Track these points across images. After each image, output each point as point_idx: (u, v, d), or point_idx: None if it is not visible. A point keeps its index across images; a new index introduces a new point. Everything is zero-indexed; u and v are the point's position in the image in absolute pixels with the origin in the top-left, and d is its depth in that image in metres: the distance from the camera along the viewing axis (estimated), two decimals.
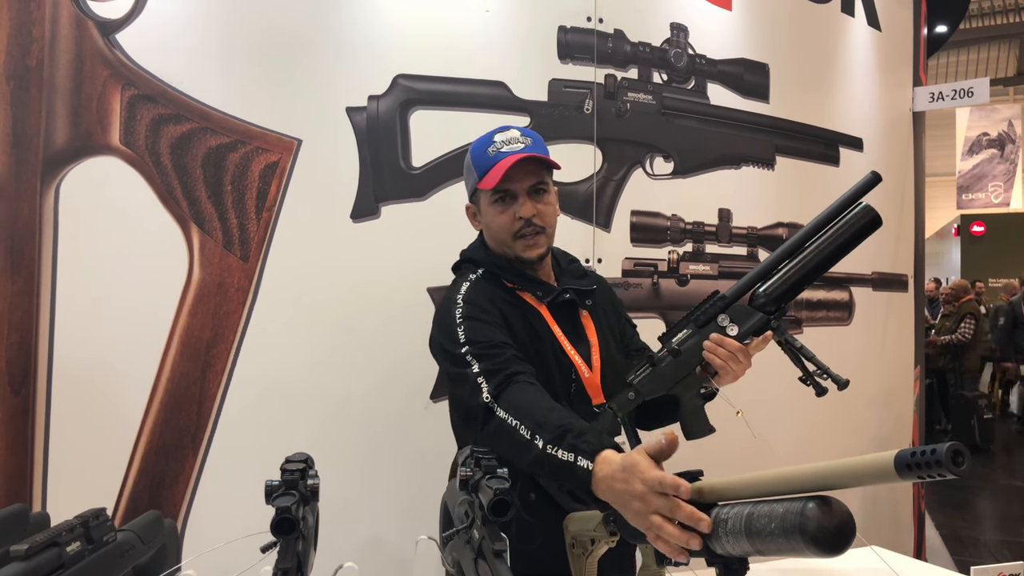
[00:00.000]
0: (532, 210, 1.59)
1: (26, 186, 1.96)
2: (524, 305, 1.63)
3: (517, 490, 1.55)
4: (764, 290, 1.53)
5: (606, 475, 1.19)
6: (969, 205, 15.12)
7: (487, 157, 1.60)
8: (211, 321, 2.08)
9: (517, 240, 1.60)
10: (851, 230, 1.47)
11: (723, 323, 1.53)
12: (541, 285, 1.65)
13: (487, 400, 1.40)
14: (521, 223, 1.59)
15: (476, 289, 1.61)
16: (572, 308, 1.68)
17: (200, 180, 2.07)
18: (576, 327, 1.67)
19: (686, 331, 1.57)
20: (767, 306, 1.52)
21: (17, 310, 1.95)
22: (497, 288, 1.64)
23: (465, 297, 1.58)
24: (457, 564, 1.17)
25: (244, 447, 2.06)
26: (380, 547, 2.03)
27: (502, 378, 1.43)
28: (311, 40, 2.18)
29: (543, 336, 1.61)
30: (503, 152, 1.59)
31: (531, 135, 1.64)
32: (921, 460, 0.69)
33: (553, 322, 1.63)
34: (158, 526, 1.19)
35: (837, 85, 3.22)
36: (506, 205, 1.60)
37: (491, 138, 1.63)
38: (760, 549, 0.89)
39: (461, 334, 1.51)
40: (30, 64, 1.96)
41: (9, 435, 1.94)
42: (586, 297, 1.70)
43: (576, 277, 1.73)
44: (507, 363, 1.46)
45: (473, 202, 1.70)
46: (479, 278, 1.65)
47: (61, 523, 0.92)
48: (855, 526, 0.81)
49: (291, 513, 0.91)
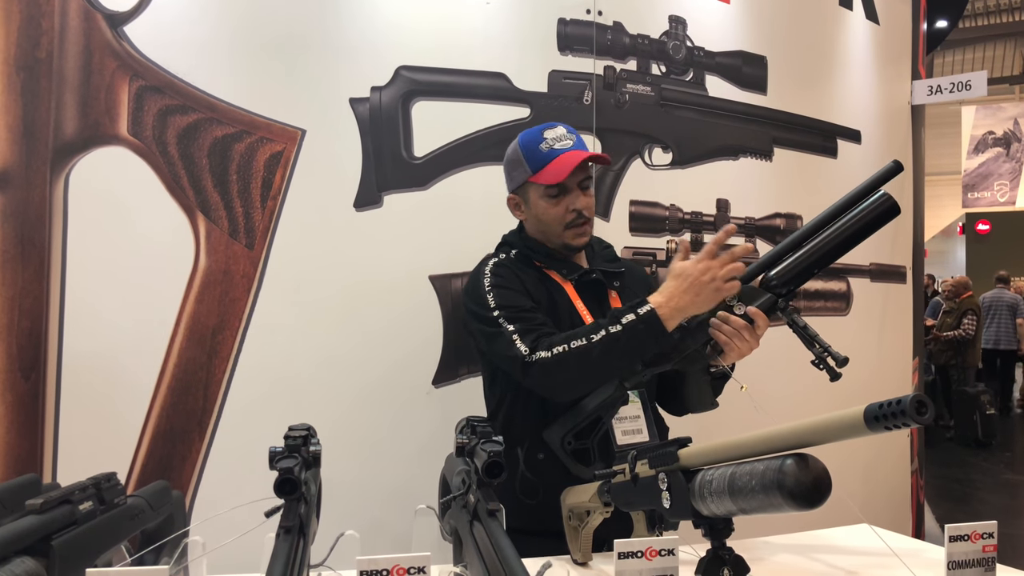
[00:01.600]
0: (584, 203, 1.72)
1: (36, 175, 2.01)
2: (549, 282, 1.76)
3: (525, 449, 1.68)
4: (776, 272, 1.56)
5: (665, 297, 1.50)
6: (975, 203, 15.12)
7: (541, 153, 1.70)
8: (217, 308, 2.12)
9: (568, 230, 1.73)
10: (868, 217, 1.51)
11: (731, 301, 1.56)
12: (567, 264, 1.77)
13: (524, 353, 1.56)
14: (574, 215, 1.72)
15: (503, 264, 1.76)
16: (599, 288, 1.79)
17: (206, 169, 2.11)
18: (603, 305, 1.77)
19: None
20: (778, 288, 1.55)
21: (27, 297, 2.00)
22: (526, 266, 1.77)
23: (492, 269, 1.74)
24: (455, 532, 1.21)
25: (249, 431, 2.09)
26: (381, 520, 2.06)
27: (535, 336, 1.59)
28: (315, 32, 2.22)
29: (563, 309, 1.72)
30: (557, 149, 1.70)
31: (573, 132, 1.75)
32: (888, 411, 0.73)
33: (577, 298, 1.74)
34: (166, 495, 1.23)
35: (835, 78, 3.24)
36: (559, 198, 1.71)
37: (540, 134, 1.73)
38: (743, 507, 0.93)
39: (491, 299, 1.67)
40: (40, 56, 2.01)
41: (20, 419, 1.99)
42: (614, 279, 1.81)
43: (607, 261, 1.84)
44: (538, 325, 1.62)
45: (518, 193, 1.80)
46: (508, 257, 1.80)
47: (74, 483, 0.97)
48: (831, 481, 0.85)
49: (293, 474, 0.95)
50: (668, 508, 1.09)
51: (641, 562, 0.93)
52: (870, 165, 3.33)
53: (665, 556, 0.93)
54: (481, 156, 2.37)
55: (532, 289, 1.72)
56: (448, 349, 2.31)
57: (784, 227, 2.96)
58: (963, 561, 1.00)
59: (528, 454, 1.69)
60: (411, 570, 0.79)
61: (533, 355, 1.55)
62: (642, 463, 1.18)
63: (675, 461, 1.08)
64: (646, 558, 0.93)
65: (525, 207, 1.80)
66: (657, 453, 1.13)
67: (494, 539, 0.94)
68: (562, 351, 1.53)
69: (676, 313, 1.50)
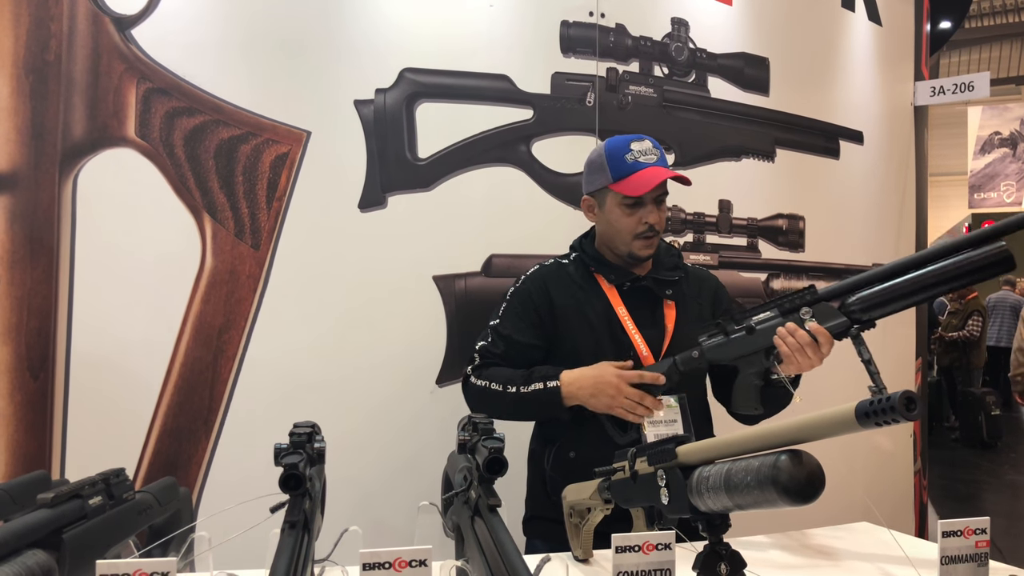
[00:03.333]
0: (658, 217, 1.75)
1: (45, 177, 2.03)
2: (592, 287, 1.81)
3: (556, 448, 1.79)
4: (859, 297, 1.49)
5: (572, 380, 1.66)
6: (981, 204, 15.06)
7: (625, 163, 1.73)
8: (223, 308, 2.14)
9: (637, 240, 1.76)
10: (979, 262, 1.39)
11: (804, 315, 1.54)
12: (617, 270, 1.81)
13: (468, 372, 1.79)
14: (645, 227, 1.74)
15: (540, 275, 1.85)
16: (650, 295, 1.81)
17: (212, 171, 2.14)
18: (655, 313, 1.80)
19: (769, 313, 1.60)
20: (857, 314, 1.50)
21: (36, 297, 2.02)
22: (575, 272, 1.83)
23: (523, 283, 1.85)
24: (457, 528, 1.23)
25: (255, 429, 2.12)
26: (384, 517, 2.09)
27: (487, 361, 1.77)
28: (320, 34, 2.25)
29: (600, 316, 1.78)
30: (641, 162, 1.73)
31: (659, 148, 1.77)
32: (878, 407, 0.74)
33: (619, 303, 1.78)
34: (174, 491, 1.25)
35: (837, 79, 3.25)
36: (635, 209, 1.74)
37: (628, 145, 1.75)
38: (739, 503, 0.95)
39: (502, 306, 1.83)
40: (48, 59, 2.04)
41: (28, 418, 2.01)
42: (667, 287, 1.82)
43: (666, 268, 1.85)
44: (503, 356, 1.78)
45: (594, 196, 1.82)
46: (557, 263, 1.87)
47: (84, 478, 0.99)
48: (824, 477, 0.87)
49: (298, 469, 0.97)
50: (666, 504, 1.11)
51: (638, 556, 0.94)
52: (872, 166, 3.34)
53: (662, 550, 0.95)
54: (485, 157, 2.39)
55: (562, 304, 1.79)
56: (452, 349, 2.33)
57: (786, 228, 2.98)
58: (956, 556, 1.02)
59: (559, 452, 1.77)
60: (412, 563, 0.81)
61: (471, 376, 1.78)
62: (641, 460, 1.20)
63: (673, 458, 1.09)
64: (643, 552, 0.94)
65: (599, 211, 1.81)
66: (656, 450, 1.15)
67: (495, 534, 0.96)
68: (485, 386, 1.74)
69: (572, 398, 1.68)
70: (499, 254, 2.40)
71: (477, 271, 2.39)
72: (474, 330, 2.37)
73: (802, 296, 1.56)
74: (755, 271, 2.90)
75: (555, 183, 2.48)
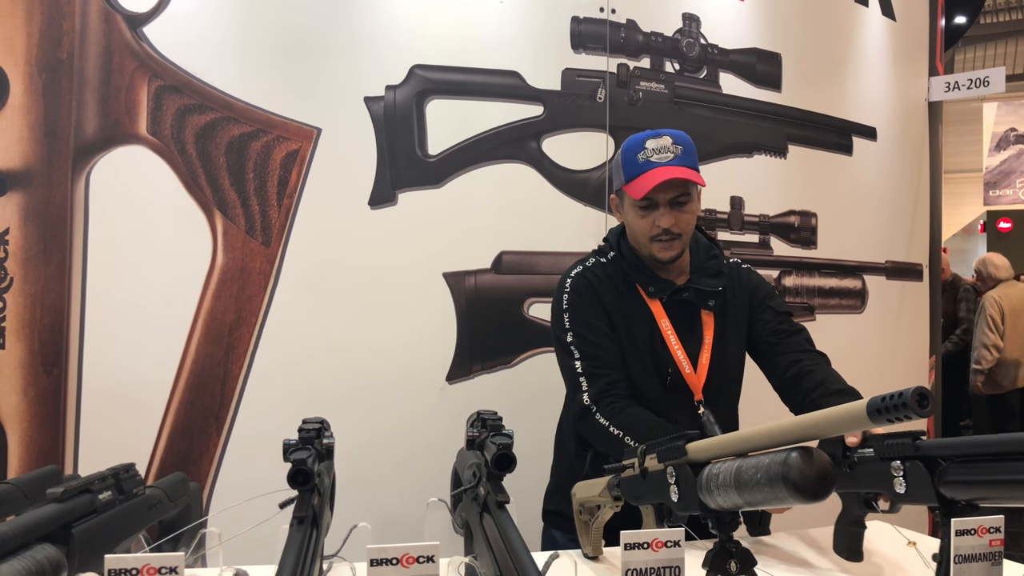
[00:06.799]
0: (671, 221, 1.64)
1: (58, 174, 2.05)
2: (634, 296, 1.72)
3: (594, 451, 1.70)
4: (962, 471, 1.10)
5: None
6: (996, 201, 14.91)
7: (636, 163, 1.64)
8: (234, 304, 2.15)
9: (653, 243, 1.67)
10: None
11: (896, 473, 1.19)
12: (656, 281, 1.71)
13: (586, 403, 1.64)
14: (659, 231, 1.65)
15: (584, 277, 1.74)
16: (690, 306, 1.72)
17: (223, 168, 2.14)
18: (694, 325, 1.72)
19: (870, 450, 1.26)
20: (951, 489, 1.10)
21: (50, 293, 2.04)
22: (615, 275, 1.74)
23: (572, 284, 1.73)
24: (466, 524, 1.23)
25: (265, 425, 2.12)
26: (393, 513, 2.08)
27: (602, 386, 1.64)
28: (330, 32, 2.25)
29: (643, 328, 1.70)
30: (652, 162, 1.62)
31: (682, 143, 1.66)
32: (890, 404, 0.73)
33: (663, 315, 1.70)
34: (184, 486, 1.25)
35: (850, 75, 3.23)
36: (648, 212, 1.65)
37: (643, 142, 1.65)
38: (749, 500, 0.94)
39: (567, 320, 1.70)
40: (61, 57, 2.05)
41: (42, 414, 2.03)
42: (709, 298, 1.72)
43: (708, 275, 1.74)
44: (605, 367, 1.66)
45: (618, 195, 1.76)
46: (597, 263, 1.76)
47: (94, 473, 0.99)
48: (835, 474, 0.86)
49: (306, 465, 0.97)
50: (676, 501, 1.10)
51: (647, 553, 0.94)
52: (886, 163, 3.32)
53: (672, 548, 0.94)
54: (495, 154, 2.39)
55: (610, 305, 1.70)
56: (462, 346, 2.33)
57: (798, 224, 2.96)
58: (969, 555, 1.00)
59: (597, 454, 1.68)
60: (420, 558, 0.80)
61: (593, 410, 1.63)
62: (651, 457, 1.20)
63: (683, 455, 1.09)
64: (652, 549, 0.94)
65: (622, 210, 1.75)
66: (666, 447, 1.14)
67: (503, 531, 0.96)
68: (610, 428, 1.60)
69: None
70: (509, 251, 2.40)
71: (487, 268, 2.38)
72: (484, 327, 2.37)
73: (905, 445, 1.18)
74: (767, 268, 2.88)
75: (565, 179, 2.47)
